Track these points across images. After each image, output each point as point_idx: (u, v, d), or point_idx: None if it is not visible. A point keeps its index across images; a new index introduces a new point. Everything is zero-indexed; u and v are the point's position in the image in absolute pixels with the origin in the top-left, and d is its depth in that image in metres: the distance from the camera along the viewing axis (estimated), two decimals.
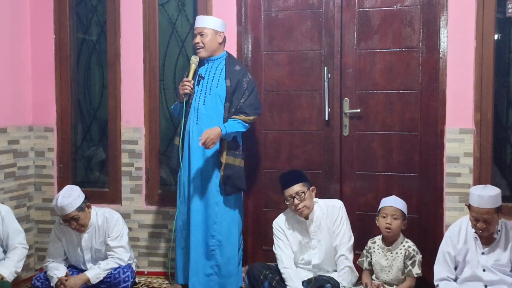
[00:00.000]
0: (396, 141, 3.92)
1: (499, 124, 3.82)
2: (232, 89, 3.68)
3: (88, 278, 3.63)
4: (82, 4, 4.42)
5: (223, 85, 3.70)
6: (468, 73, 3.69)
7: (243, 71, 3.75)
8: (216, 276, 3.73)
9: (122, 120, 4.26)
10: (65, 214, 3.61)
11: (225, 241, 3.73)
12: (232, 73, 3.72)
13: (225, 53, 3.80)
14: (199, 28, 3.72)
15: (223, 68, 3.75)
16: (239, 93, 3.67)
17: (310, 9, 4.02)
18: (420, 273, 3.37)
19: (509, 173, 3.87)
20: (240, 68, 3.76)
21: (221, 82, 3.72)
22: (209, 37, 3.71)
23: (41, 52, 4.35)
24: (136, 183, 4.25)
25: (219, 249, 3.71)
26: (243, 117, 3.64)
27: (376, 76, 3.94)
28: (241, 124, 3.65)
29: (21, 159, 4.27)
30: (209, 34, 3.71)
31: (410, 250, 3.39)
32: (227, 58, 3.78)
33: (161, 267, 4.24)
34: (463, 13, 3.69)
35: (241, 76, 3.70)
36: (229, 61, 3.77)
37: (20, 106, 4.28)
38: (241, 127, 3.66)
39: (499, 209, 3.11)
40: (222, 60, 3.77)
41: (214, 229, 3.70)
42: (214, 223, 3.70)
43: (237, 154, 3.71)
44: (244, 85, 3.68)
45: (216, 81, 3.72)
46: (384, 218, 3.41)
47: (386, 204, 3.44)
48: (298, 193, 3.46)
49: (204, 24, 3.72)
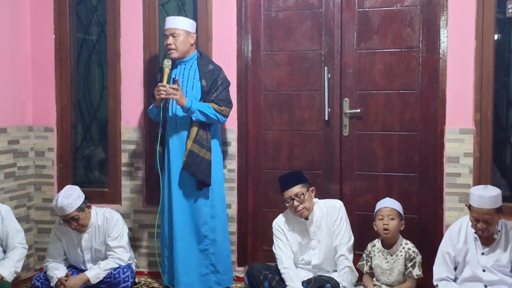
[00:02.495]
0: (396, 141, 3.92)
1: (499, 124, 3.82)
2: (208, 88, 3.67)
3: (88, 278, 3.63)
4: (82, 4, 4.42)
5: (198, 86, 3.70)
6: (468, 73, 3.69)
7: (217, 69, 3.73)
8: (212, 274, 3.76)
9: (122, 120, 4.26)
10: (65, 215, 3.61)
11: (218, 239, 3.77)
12: (206, 72, 3.70)
13: (196, 53, 3.78)
14: (171, 29, 3.68)
15: (196, 69, 3.74)
16: (212, 90, 3.67)
17: (310, 9, 4.02)
18: (420, 274, 3.37)
19: (509, 173, 3.87)
20: (213, 67, 3.75)
21: (196, 83, 3.71)
22: (181, 38, 3.69)
23: (41, 52, 4.35)
24: (136, 183, 4.26)
25: (213, 247, 3.74)
26: (214, 105, 3.64)
27: (376, 76, 3.94)
28: (211, 109, 3.62)
29: (21, 159, 4.27)
30: (181, 35, 3.68)
31: (410, 252, 3.39)
32: (199, 58, 3.77)
33: (160, 267, 4.24)
34: (463, 13, 3.69)
35: (217, 75, 3.70)
36: (201, 61, 3.75)
37: (20, 106, 4.28)
38: (211, 112, 3.61)
39: (499, 210, 3.11)
40: (194, 61, 3.76)
41: (206, 229, 3.72)
42: (205, 223, 3.72)
43: (204, 145, 3.66)
44: (218, 82, 3.69)
45: (191, 83, 3.72)
46: (381, 220, 3.41)
47: (381, 206, 3.45)
48: (298, 195, 3.46)
49: (175, 25, 3.69)
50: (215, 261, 3.76)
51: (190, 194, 3.72)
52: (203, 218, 3.73)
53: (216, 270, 3.76)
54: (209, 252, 3.74)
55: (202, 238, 3.73)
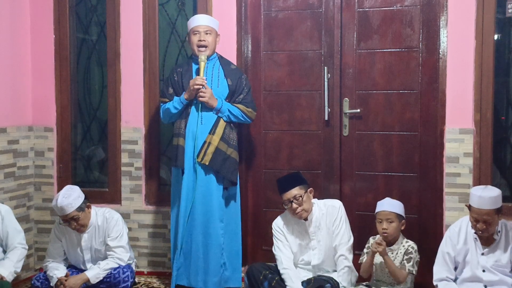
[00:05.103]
0: (396, 141, 3.92)
1: (499, 124, 3.81)
2: (234, 87, 3.70)
3: (88, 278, 3.62)
4: (82, 4, 4.42)
5: (225, 84, 3.70)
6: (468, 73, 3.69)
7: (239, 70, 3.80)
8: (225, 272, 3.74)
9: (122, 120, 4.26)
10: (65, 215, 3.61)
11: (232, 237, 3.76)
12: (230, 71, 3.73)
13: (216, 54, 3.78)
14: (204, 27, 3.66)
15: (219, 67, 3.74)
16: (239, 90, 3.71)
17: (310, 9, 4.02)
18: (413, 270, 3.33)
19: (509, 173, 3.87)
20: (235, 67, 3.81)
21: (222, 81, 3.71)
22: (212, 37, 3.69)
23: (41, 52, 4.34)
24: (135, 183, 4.25)
25: (227, 246, 3.72)
26: (242, 106, 3.68)
27: (376, 76, 3.94)
28: (239, 110, 3.66)
29: (21, 159, 4.27)
30: (212, 33, 3.69)
31: (409, 248, 3.38)
32: (220, 58, 3.78)
33: (161, 267, 4.24)
34: (463, 13, 3.68)
35: (240, 74, 3.74)
36: (223, 61, 3.77)
37: (20, 106, 4.28)
38: (238, 113, 3.66)
39: (499, 210, 3.11)
40: (216, 60, 3.76)
41: (222, 227, 3.70)
42: (221, 221, 3.69)
43: (231, 144, 3.68)
44: (243, 82, 3.72)
45: (216, 81, 3.71)
46: (380, 223, 3.41)
47: (380, 209, 3.43)
48: (296, 197, 3.45)
49: (209, 23, 3.68)
50: (226, 259, 3.74)
51: (211, 191, 3.67)
52: (220, 216, 3.68)
53: (226, 268, 3.74)
54: (224, 249, 3.71)
55: (220, 234, 3.68)
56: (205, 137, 3.63)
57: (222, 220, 3.70)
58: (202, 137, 3.63)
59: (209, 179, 3.68)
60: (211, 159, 3.62)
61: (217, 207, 3.68)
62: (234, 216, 3.80)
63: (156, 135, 4.27)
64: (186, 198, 3.67)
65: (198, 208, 3.67)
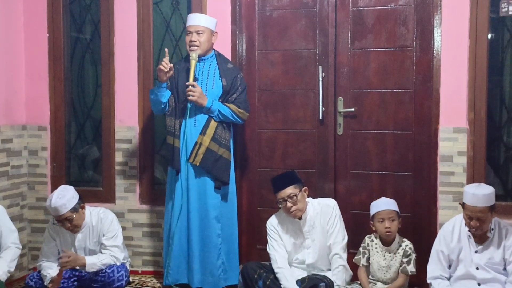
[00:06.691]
0: (390, 140, 3.93)
1: (493, 123, 3.83)
2: (228, 87, 3.69)
3: (85, 263, 3.64)
4: (76, 3, 4.41)
5: (219, 84, 3.69)
6: (461, 72, 3.70)
7: (236, 69, 3.77)
8: (222, 272, 3.73)
9: (116, 119, 4.25)
10: (59, 215, 3.60)
11: (229, 237, 3.76)
12: (226, 71, 3.72)
13: (214, 52, 3.77)
14: (196, 26, 3.66)
15: (215, 67, 3.73)
16: (232, 90, 3.69)
17: (304, 8, 4.02)
18: (414, 271, 3.37)
19: (502, 172, 3.88)
20: (233, 66, 3.78)
21: (217, 81, 3.71)
22: (205, 36, 3.67)
23: (35, 50, 4.33)
24: (130, 182, 4.24)
25: (224, 245, 3.72)
26: (233, 106, 3.67)
27: (370, 75, 3.94)
28: (229, 110, 3.65)
29: (14, 158, 4.25)
30: (205, 33, 3.67)
31: (407, 249, 3.39)
32: (217, 57, 3.77)
33: (155, 266, 4.24)
34: (457, 12, 3.70)
35: (236, 74, 3.72)
36: (220, 60, 3.76)
37: (13, 104, 4.26)
38: (228, 113, 3.65)
39: (492, 208, 3.12)
40: (213, 59, 3.76)
41: (219, 228, 3.70)
42: (218, 221, 3.69)
43: (223, 144, 3.67)
44: (238, 82, 3.71)
45: (211, 81, 3.71)
46: (381, 222, 3.40)
47: (381, 209, 3.42)
48: (290, 196, 3.45)
49: (201, 22, 3.67)
50: (225, 258, 3.74)
51: (206, 191, 3.68)
52: (216, 214, 3.69)
53: (225, 267, 3.74)
54: (221, 249, 3.71)
55: (216, 234, 3.69)
56: (196, 138, 3.65)
57: (219, 220, 3.70)
58: (194, 138, 3.64)
59: (203, 179, 3.69)
60: (202, 159, 3.63)
61: (213, 207, 3.68)
62: (230, 215, 3.79)
63: (151, 134, 4.26)
64: (179, 198, 3.69)
65: (194, 209, 3.68)
